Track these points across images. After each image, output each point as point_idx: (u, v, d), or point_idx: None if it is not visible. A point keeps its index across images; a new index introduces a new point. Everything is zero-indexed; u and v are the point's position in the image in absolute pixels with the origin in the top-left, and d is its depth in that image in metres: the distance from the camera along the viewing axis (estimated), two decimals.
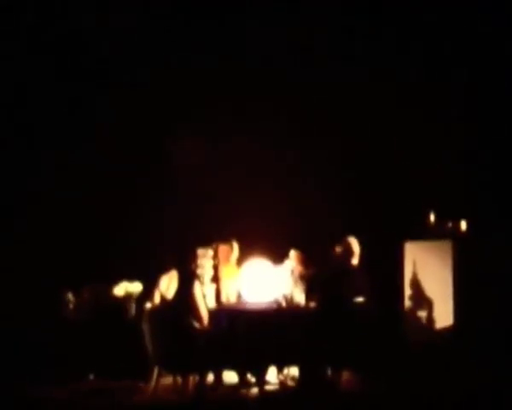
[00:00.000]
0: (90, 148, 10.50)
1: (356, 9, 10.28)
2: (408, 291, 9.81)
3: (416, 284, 9.77)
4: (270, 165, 10.75)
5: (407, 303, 9.80)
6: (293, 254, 9.85)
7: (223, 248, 9.89)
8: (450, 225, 9.89)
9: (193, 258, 9.43)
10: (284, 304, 9.48)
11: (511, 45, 10.20)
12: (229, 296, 9.67)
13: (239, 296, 9.66)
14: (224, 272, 9.77)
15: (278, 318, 9.31)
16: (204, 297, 9.19)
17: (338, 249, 9.66)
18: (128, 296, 9.29)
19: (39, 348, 9.07)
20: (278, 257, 9.82)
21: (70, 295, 9.33)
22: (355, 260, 9.52)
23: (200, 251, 9.55)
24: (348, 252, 9.56)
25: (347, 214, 10.36)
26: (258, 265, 9.77)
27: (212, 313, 9.11)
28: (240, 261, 9.92)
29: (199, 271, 9.44)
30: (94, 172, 10.52)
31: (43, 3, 10.12)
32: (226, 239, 9.94)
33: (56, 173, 10.43)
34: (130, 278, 9.40)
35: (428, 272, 9.73)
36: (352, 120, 10.64)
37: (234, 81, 10.56)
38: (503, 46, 10.20)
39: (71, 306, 9.26)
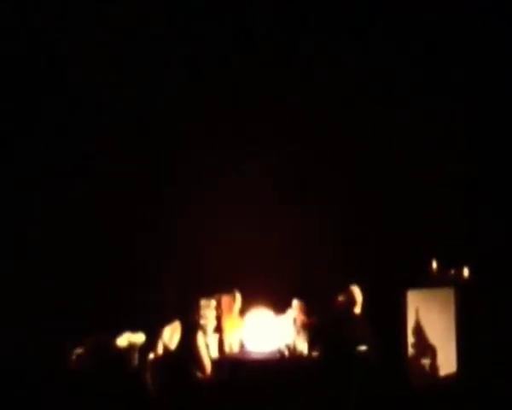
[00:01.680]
0: (87, 199, 10.61)
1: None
2: (411, 339, 9.78)
3: (419, 332, 9.75)
4: (271, 215, 10.80)
5: (410, 351, 9.76)
6: (295, 303, 9.88)
7: (225, 298, 9.92)
8: (452, 272, 9.91)
9: (196, 309, 9.51)
10: (287, 353, 9.49)
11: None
12: (232, 346, 9.69)
13: (242, 346, 9.70)
14: (227, 323, 9.80)
15: (281, 367, 9.32)
16: (207, 348, 9.23)
17: (341, 298, 9.69)
18: (131, 347, 9.29)
19: (40, 398, 9.06)
20: (281, 307, 9.86)
21: (72, 346, 9.35)
22: (358, 309, 9.55)
23: (203, 302, 9.59)
24: (351, 301, 9.59)
25: (350, 264, 10.38)
26: (261, 315, 9.80)
27: (214, 363, 9.13)
28: (242, 312, 9.95)
29: (202, 321, 9.45)
30: (98, 221, 10.59)
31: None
32: (229, 290, 9.99)
33: (58, 222, 10.52)
34: (134, 329, 9.41)
35: (431, 319, 9.71)
36: (353, 164, 10.72)
37: (232, 120, 10.68)
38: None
39: (73, 356, 9.27)
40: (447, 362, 9.45)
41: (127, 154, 10.70)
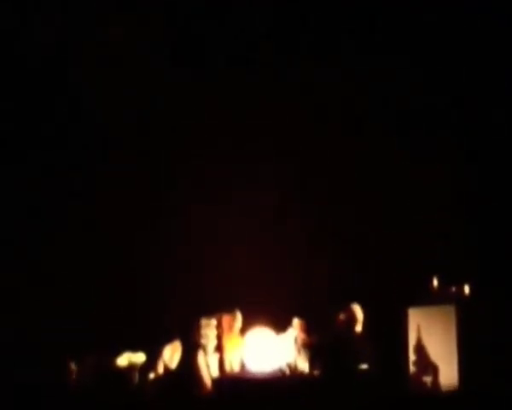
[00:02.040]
0: (88, 226, 10.60)
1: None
2: (412, 357, 9.73)
3: (420, 350, 9.70)
4: (271, 235, 10.78)
5: (412, 368, 9.72)
6: (296, 322, 9.88)
7: (226, 318, 9.91)
8: (453, 289, 9.89)
9: (196, 328, 9.54)
10: (288, 372, 9.48)
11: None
12: (232, 366, 9.67)
13: (243, 365, 9.68)
14: (228, 342, 9.78)
15: (282, 386, 9.30)
16: (208, 367, 9.24)
17: (342, 317, 9.69)
18: (131, 366, 9.28)
19: None
20: (281, 326, 9.86)
21: (73, 365, 9.34)
22: (359, 328, 9.54)
23: (203, 321, 9.66)
24: (352, 319, 9.58)
25: (350, 282, 10.36)
26: (262, 334, 9.79)
27: (215, 382, 9.12)
28: (243, 331, 9.93)
29: (203, 341, 9.50)
30: (99, 237, 10.59)
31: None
32: (229, 309, 9.98)
33: (59, 238, 10.53)
34: (134, 349, 9.41)
35: (433, 336, 9.67)
36: (354, 180, 10.71)
37: (234, 141, 10.70)
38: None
39: (73, 375, 9.26)
40: (449, 379, 9.41)
41: (127, 168, 10.73)
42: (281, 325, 9.84)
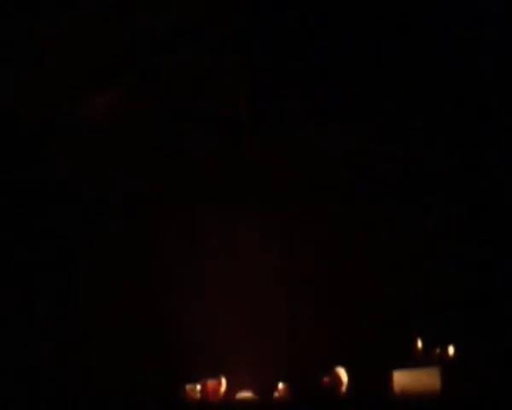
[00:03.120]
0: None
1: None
2: None
3: None
4: (256, 299, 10.80)
5: None
6: (281, 386, 9.91)
7: (211, 383, 9.96)
8: (437, 351, 9.91)
9: (181, 394, 9.60)
10: None
11: None
12: None
13: None
14: None
15: None
16: None
17: (326, 380, 9.76)
18: None
19: None
20: (267, 391, 9.88)
21: None
22: (343, 390, 9.58)
23: (188, 387, 9.75)
24: (336, 382, 9.64)
25: (335, 345, 10.37)
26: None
27: None
28: (228, 396, 9.94)
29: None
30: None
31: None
32: (214, 375, 10.02)
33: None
34: None
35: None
36: (337, 251, 10.77)
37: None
38: None
39: None
40: None
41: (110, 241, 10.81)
42: (266, 390, 9.87)
